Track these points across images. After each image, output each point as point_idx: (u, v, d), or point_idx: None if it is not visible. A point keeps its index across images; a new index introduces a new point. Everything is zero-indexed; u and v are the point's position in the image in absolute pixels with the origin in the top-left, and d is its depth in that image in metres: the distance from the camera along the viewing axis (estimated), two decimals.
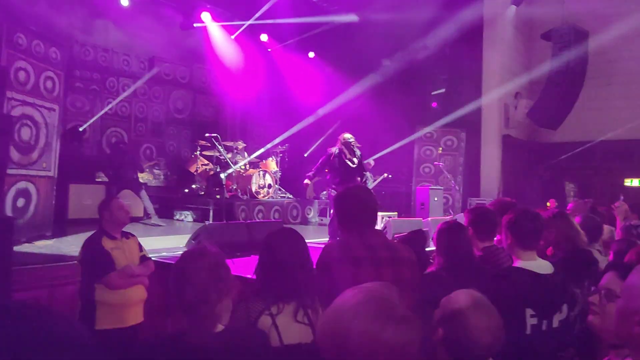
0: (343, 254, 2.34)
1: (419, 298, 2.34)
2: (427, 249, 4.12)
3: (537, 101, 11.88)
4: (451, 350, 1.79)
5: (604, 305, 1.95)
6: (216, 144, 10.18)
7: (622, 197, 8.10)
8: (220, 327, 1.78)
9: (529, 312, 2.40)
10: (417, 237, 3.74)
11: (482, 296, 1.85)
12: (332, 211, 8.28)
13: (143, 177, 11.12)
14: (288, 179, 11.91)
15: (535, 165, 13.39)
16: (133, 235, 3.99)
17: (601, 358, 1.74)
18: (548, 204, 10.34)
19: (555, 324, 2.45)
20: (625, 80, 12.13)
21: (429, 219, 8.87)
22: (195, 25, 11.68)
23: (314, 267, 2.34)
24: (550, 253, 3.29)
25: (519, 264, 2.59)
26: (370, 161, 8.70)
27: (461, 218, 4.78)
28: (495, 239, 3.58)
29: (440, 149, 12.12)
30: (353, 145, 7.21)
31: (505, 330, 1.80)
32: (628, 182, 12.51)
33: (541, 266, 2.56)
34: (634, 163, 12.62)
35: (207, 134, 10.43)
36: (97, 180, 9.81)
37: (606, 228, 4.71)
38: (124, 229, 3.90)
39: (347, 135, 7.26)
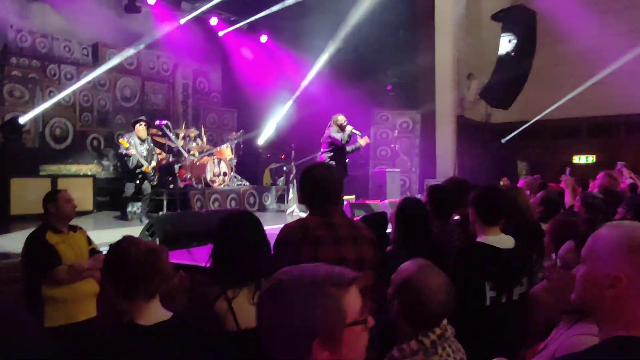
0: (302, 232, 2.30)
1: (379, 277, 2.33)
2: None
3: (489, 82, 12.11)
4: (409, 318, 1.82)
5: (560, 274, 1.98)
6: (167, 132, 9.84)
7: (568, 170, 8.35)
8: (167, 315, 1.78)
9: (489, 285, 2.48)
10: (379, 220, 3.71)
11: (426, 261, 1.91)
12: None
13: (91, 169, 10.68)
14: (244, 166, 11.71)
15: (489, 144, 13.71)
16: (80, 229, 3.83)
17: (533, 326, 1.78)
18: (501, 182, 10.59)
19: (515, 296, 2.53)
20: (572, 60, 12.50)
21: (387, 201, 8.94)
22: (141, 8, 11.22)
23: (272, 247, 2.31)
24: (500, 226, 3.34)
25: (481, 239, 2.63)
26: None
27: None
28: (451, 217, 3.60)
29: (396, 131, 12.16)
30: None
31: (465, 303, 1.92)
32: (576, 159, 13.05)
33: (503, 241, 2.61)
34: (582, 140, 13.17)
35: (157, 122, 10.07)
36: (41, 174, 9.31)
37: None
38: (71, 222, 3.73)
39: (342, 117, 7.77)
